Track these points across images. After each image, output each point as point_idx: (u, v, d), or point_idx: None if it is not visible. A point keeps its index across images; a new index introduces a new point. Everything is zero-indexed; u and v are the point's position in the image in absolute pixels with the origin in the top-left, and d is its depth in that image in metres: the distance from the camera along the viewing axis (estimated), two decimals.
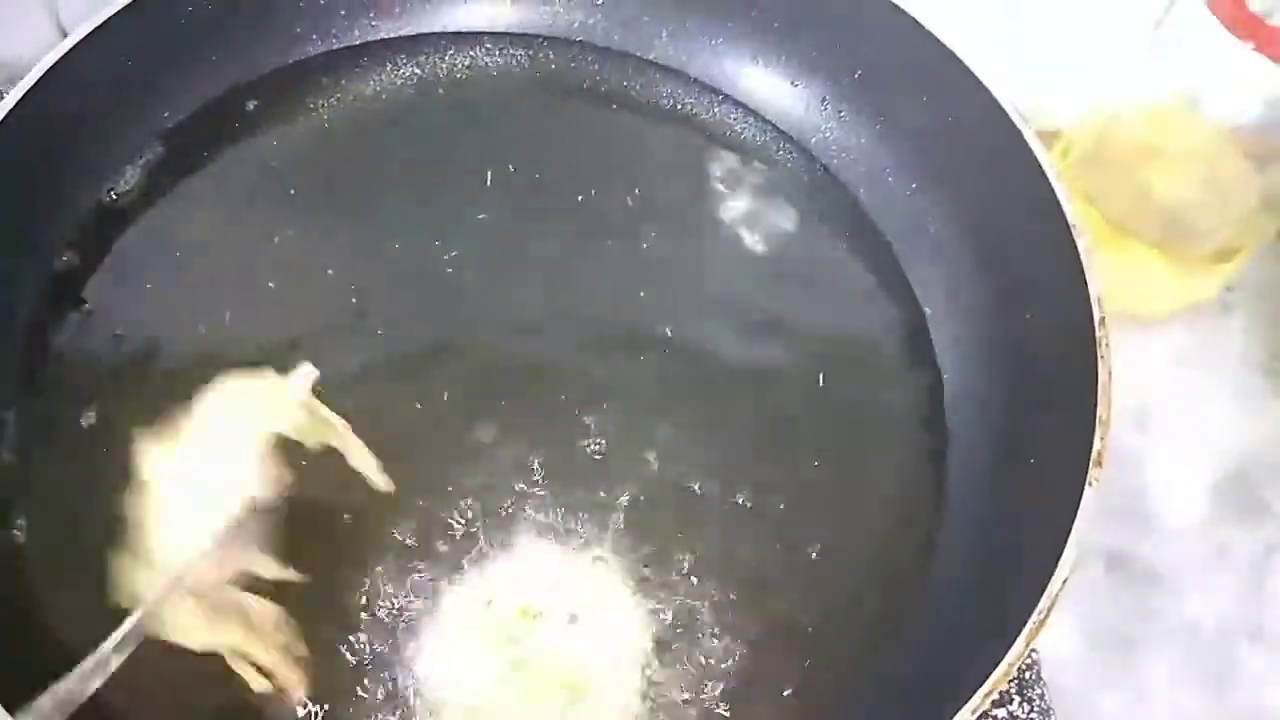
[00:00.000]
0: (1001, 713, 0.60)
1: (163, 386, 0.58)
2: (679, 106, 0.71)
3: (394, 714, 0.53)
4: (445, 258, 0.64)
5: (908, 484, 0.61)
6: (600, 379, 0.62)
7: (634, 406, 0.61)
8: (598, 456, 0.59)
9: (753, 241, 0.67)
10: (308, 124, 0.69)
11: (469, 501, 0.58)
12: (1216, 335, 0.75)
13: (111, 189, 0.64)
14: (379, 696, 0.53)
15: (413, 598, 0.55)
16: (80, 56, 0.59)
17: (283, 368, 0.59)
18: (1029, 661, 0.61)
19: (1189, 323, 0.75)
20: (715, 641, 0.56)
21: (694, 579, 0.57)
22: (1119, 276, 0.68)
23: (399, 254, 0.64)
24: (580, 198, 0.67)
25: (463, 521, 0.57)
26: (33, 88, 0.57)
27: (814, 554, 0.59)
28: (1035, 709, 0.60)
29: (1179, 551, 0.67)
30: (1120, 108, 0.72)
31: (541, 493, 0.58)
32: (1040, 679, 0.61)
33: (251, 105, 0.68)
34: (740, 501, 0.59)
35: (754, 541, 0.58)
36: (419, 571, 0.56)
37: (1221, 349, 0.74)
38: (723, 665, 0.55)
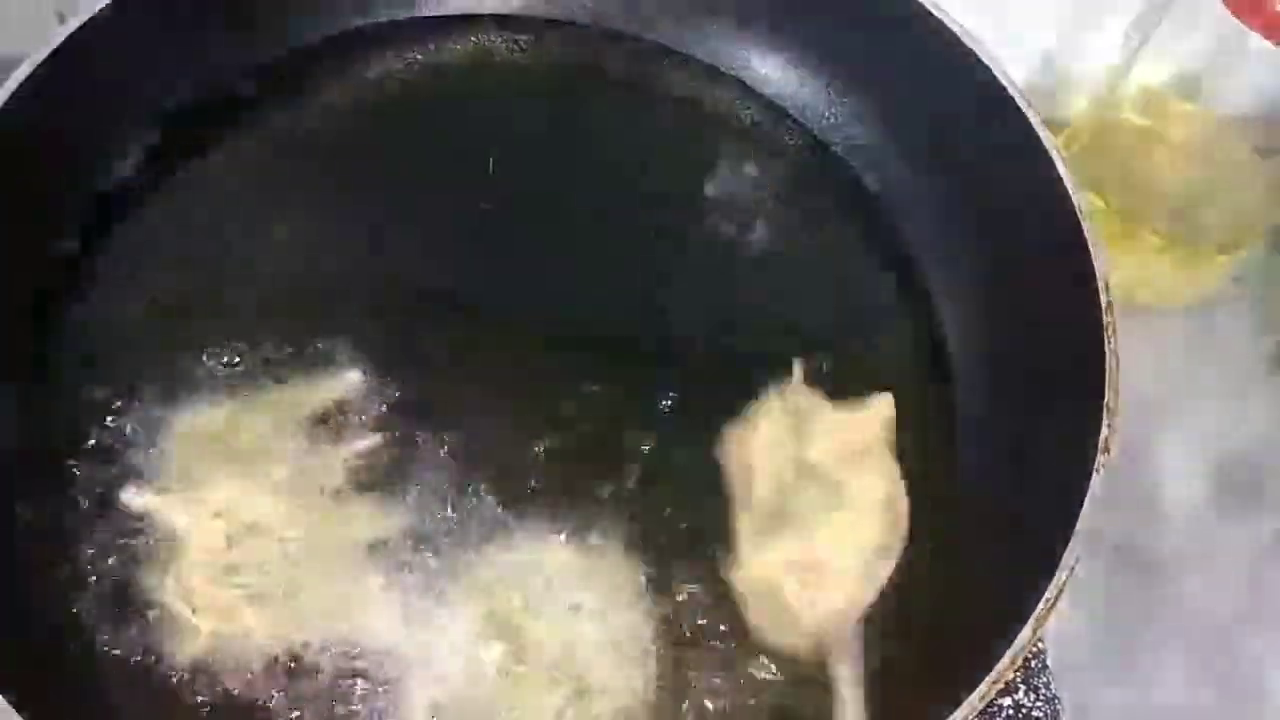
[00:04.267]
0: (1007, 701, 0.60)
1: (163, 368, 0.58)
2: (685, 92, 0.70)
3: (394, 706, 0.52)
4: (444, 249, 0.64)
5: (914, 475, 0.60)
6: (602, 367, 0.61)
7: (635, 391, 0.60)
8: (602, 445, 0.59)
9: (757, 227, 0.66)
10: (308, 109, 0.68)
11: (469, 488, 0.57)
12: (1222, 325, 0.75)
13: (112, 174, 0.64)
14: (378, 688, 0.53)
15: (411, 588, 0.55)
16: (78, 42, 0.59)
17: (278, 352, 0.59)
18: (1035, 650, 0.61)
19: (1194, 313, 0.75)
20: (722, 631, 0.55)
21: (701, 568, 0.56)
22: (1125, 266, 0.68)
23: (396, 246, 0.64)
24: (584, 184, 0.67)
25: (462, 508, 0.56)
26: (31, 74, 0.57)
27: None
28: (1041, 697, 0.60)
29: (1181, 540, 0.68)
30: (1121, 96, 0.71)
31: (544, 480, 0.57)
32: (1046, 668, 0.61)
33: (252, 90, 0.67)
34: None
35: None
36: (417, 561, 0.55)
37: (1227, 339, 0.75)
38: (726, 652, 0.55)
